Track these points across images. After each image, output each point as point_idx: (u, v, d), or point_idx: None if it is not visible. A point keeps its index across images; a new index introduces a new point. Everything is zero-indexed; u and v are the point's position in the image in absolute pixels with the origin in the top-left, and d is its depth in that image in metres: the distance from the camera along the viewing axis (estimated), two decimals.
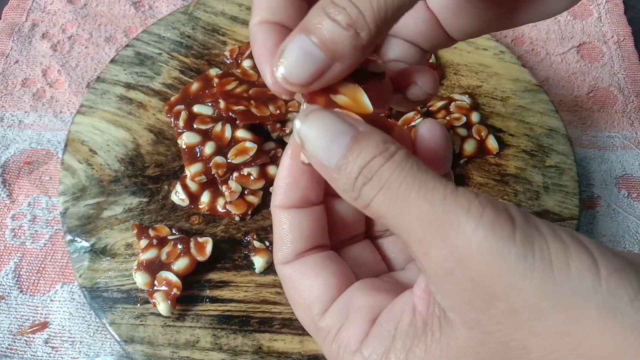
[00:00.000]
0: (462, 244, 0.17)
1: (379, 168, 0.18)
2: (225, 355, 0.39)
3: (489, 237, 0.17)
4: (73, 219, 0.44)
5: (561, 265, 0.16)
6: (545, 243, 0.17)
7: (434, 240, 0.18)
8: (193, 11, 0.57)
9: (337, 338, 0.21)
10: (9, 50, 0.57)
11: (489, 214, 0.17)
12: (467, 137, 0.49)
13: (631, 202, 0.51)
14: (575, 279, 0.16)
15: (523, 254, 0.16)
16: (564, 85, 0.59)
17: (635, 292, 0.16)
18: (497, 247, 0.17)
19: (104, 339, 0.42)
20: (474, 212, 0.17)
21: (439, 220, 0.17)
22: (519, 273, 0.16)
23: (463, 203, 0.17)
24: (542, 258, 0.16)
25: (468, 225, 0.17)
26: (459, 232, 0.17)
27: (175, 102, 0.48)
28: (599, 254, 0.17)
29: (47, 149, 0.51)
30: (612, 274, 0.16)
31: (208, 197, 0.45)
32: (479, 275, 0.17)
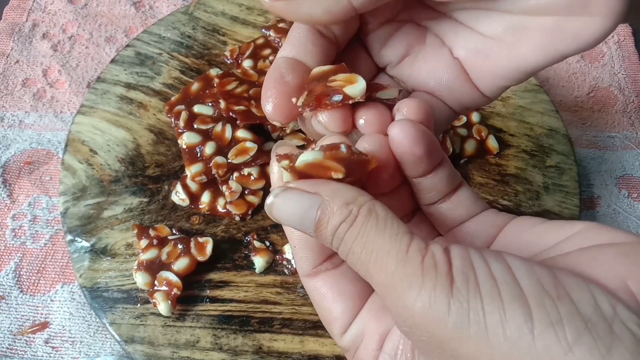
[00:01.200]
0: (409, 315, 0.19)
1: (344, 234, 0.21)
2: (226, 355, 0.39)
3: (425, 310, 0.18)
4: (73, 219, 0.44)
5: (496, 329, 0.17)
6: (481, 307, 0.18)
7: (392, 307, 0.20)
8: (193, 11, 0.57)
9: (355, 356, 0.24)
10: (9, 50, 0.57)
11: (427, 285, 0.19)
12: (468, 137, 0.49)
13: (631, 202, 0.51)
14: (509, 341, 0.17)
15: (459, 322, 0.18)
16: (564, 85, 0.59)
17: (570, 345, 0.17)
18: (434, 318, 0.18)
19: (104, 339, 0.42)
20: (414, 284, 0.19)
21: (391, 289, 0.19)
22: (457, 339, 0.18)
23: (408, 272, 0.19)
24: (477, 324, 0.18)
25: (409, 299, 0.19)
26: (404, 304, 0.19)
27: (175, 102, 0.48)
28: (537, 306, 0.17)
29: (48, 149, 0.51)
30: (546, 330, 0.17)
31: (208, 197, 0.45)
32: (427, 337, 0.19)
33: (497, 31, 0.25)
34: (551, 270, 0.19)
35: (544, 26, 0.24)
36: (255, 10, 0.57)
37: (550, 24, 0.24)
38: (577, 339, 0.17)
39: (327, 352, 0.39)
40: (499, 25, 0.25)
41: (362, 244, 0.20)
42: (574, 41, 0.24)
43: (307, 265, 0.24)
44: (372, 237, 0.20)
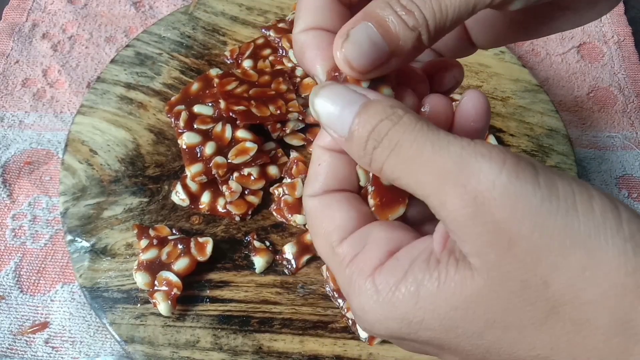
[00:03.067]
0: (485, 189, 0.18)
1: (387, 131, 0.19)
2: (226, 355, 0.39)
3: (512, 181, 0.17)
4: (73, 219, 0.44)
5: (585, 207, 0.17)
6: (569, 186, 0.18)
7: (455, 189, 0.18)
8: (193, 11, 0.57)
9: (351, 263, 0.22)
10: (9, 50, 0.57)
11: (511, 160, 0.18)
12: None
13: (631, 202, 0.51)
14: (598, 219, 0.17)
15: (548, 196, 0.17)
16: (564, 85, 0.59)
17: None
18: (521, 190, 0.17)
19: (104, 339, 0.42)
20: (496, 158, 0.18)
21: (458, 169, 0.18)
22: (544, 214, 0.17)
23: (483, 151, 0.18)
24: (566, 200, 0.17)
25: (491, 171, 0.18)
26: (482, 177, 0.18)
27: (175, 102, 0.48)
28: (619, 202, 0.18)
29: (48, 149, 0.51)
30: (632, 219, 0.17)
31: (208, 197, 0.45)
32: (503, 217, 0.17)
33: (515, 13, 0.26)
34: None
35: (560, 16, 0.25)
36: (255, 10, 0.57)
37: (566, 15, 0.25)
38: None
39: (327, 352, 0.39)
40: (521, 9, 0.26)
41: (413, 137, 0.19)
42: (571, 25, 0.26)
43: (320, 185, 0.24)
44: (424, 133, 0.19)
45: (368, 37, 0.21)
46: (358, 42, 0.21)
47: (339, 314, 0.41)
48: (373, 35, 0.21)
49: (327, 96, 0.21)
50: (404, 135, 0.19)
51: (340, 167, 0.23)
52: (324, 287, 0.42)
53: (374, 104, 0.20)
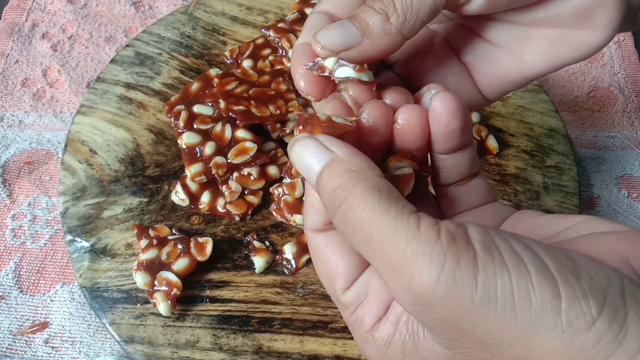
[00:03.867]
0: (427, 293, 0.18)
1: (340, 203, 0.20)
2: (225, 355, 0.39)
3: (451, 286, 0.18)
4: (73, 219, 0.44)
5: (524, 304, 0.18)
6: (509, 281, 0.18)
7: (401, 287, 0.19)
8: (193, 11, 0.57)
9: (355, 313, 0.24)
10: (9, 50, 0.57)
11: (450, 262, 0.18)
12: None
13: (631, 202, 0.51)
14: (537, 315, 0.18)
15: (486, 297, 0.18)
16: (564, 85, 0.59)
17: (594, 319, 0.17)
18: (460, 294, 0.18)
19: (104, 339, 0.42)
20: (436, 260, 0.18)
21: (402, 268, 0.19)
22: (483, 315, 0.18)
23: (425, 249, 0.18)
24: (504, 298, 0.18)
25: (431, 276, 0.18)
26: (423, 281, 0.18)
27: (175, 102, 0.48)
28: (563, 282, 0.18)
29: (47, 149, 0.51)
30: (572, 305, 0.17)
31: (208, 197, 0.45)
32: (446, 316, 0.19)
33: (505, 40, 0.27)
34: (563, 250, 0.20)
35: (549, 37, 0.26)
36: (255, 10, 0.57)
37: (554, 35, 0.26)
38: (599, 312, 0.17)
39: (327, 352, 0.39)
40: (507, 35, 0.27)
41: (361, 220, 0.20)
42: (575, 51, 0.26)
43: (320, 219, 0.24)
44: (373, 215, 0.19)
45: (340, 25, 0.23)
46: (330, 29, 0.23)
47: (339, 314, 0.41)
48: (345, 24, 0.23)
49: (299, 148, 0.22)
50: (354, 214, 0.20)
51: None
52: (323, 287, 0.42)
53: (333, 166, 0.21)
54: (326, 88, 0.24)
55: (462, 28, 0.28)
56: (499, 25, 0.27)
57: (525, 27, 0.26)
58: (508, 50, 0.27)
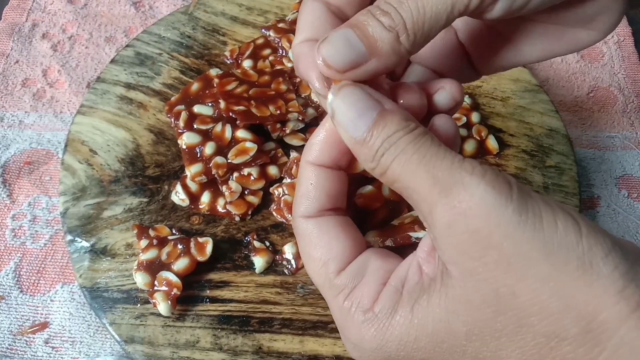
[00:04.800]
0: (465, 199, 0.19)
1: (397, 140, 0.21)
2: (226, 356, 0.39)
3: (489, 193, 0.19)
4: (73, 219, 0.44)
5: (550, 222, 0.19)
6: (537, 204, 0.19)
7: (440, 198, 0.20)
8: (193, 11, 0.57)
9: (350, 296, 0.23)
10: (9, 50, 0.57)
11: (490, 175, 0.20)
12: (467, 137, 0.49)
13: (631, 202, 0.51)
14: (561, 234, 0.19)
15: (519, 210, 0.19)
16: (564, 85, 0.59)
17: (609, 248, 0.19)
18: (496, 202, 0.19)
19: (104, 339, 0.42)
20: (477, 173, 0.20)
21: (445, 180, 0.20)
22: (514, 225, 0.19)
23: (467, 167, 0.20)
24: (534, 214, 0.19)
25: (471, 184, 0.19)
26: (463, 189, 0.19)
27: (175, 102, 0.48)
28: (579, 217, 0.20)
29: (47, 149, 0.51)
30: (590, 233, 0.19)
31: (208, 197, 0.45)
32: (478, 226, 0.19)
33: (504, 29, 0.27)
34: None
35: (547, 32, 0.26)
36: (255, 11, 0.57)
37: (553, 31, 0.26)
38: (611, 248, 0.19)
39: (327, 352, 0.39)
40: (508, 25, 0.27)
41: (416, 147, 0.20)
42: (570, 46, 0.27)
43: (313, 206, 0.24)
44: (427, 146, 0.20)
45: (345, 38, 0.22)
46: (335, 43, 0.22)
47: None
48: (351, 37, 0.22)
49: (346, 98, 0.22)
50: (410, 145, 0.21)
51: (332, 184, 0.24)
52: None
53: (390, 115, 0.21)
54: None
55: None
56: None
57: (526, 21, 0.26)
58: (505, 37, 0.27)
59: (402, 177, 0.21)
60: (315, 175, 0.24)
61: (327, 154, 0.24)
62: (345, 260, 0.24)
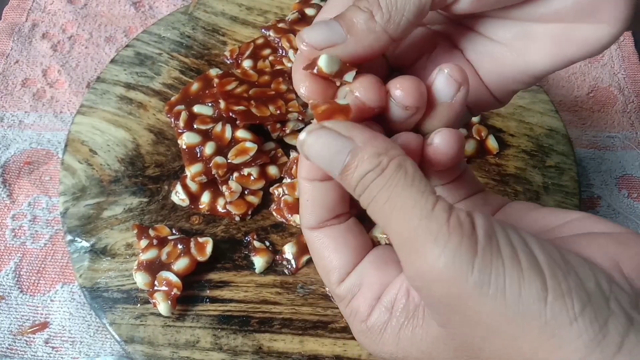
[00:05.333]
0: (426, 270, 0.19)
1: (369, 183, 0.21)
2: (225, 356, 0.39)
3: (449, 266, 0.19)
4: (73, 219, 0.44)
5: (513, 292, 0.19)
6: (502, 270, 0.19)
7: (406, 261, 0.20)
8: (193, 11, 0.57)
9: (350, 305, 0.24)
10: (9, 50, 0.57)
11: (453, 241, 0.19)
12: (467, 137, 0.49)
13: (631, 202, 0.51)
14: (524, 304, 0.19)
15: (479, 281, 0.19)
16: (564, 85, 0.59)
17: (577, 313, 0.18)
18: (455, 275, 0.19)
19: (104, 339, 0.42)
20: (440, 239, 0.19)
21: (410, 242, 0.20)
22: (474, 298, 0.19)
23: (433, 228, 0.19)
24: (496, 285, 0.19)
25: (432, 253, 0.19)
26: (424, 259, 0.19)
27: (175, 102, 0.48)
28: (551, 277, 0.19)
29: (47, 149, 0.51)
30: (557, 299, 0.18)
31: (208, 197, 0.45)
32: (441, 295, 0.20)
33: (506, 37, 0.26)
34: (558, 248, 0.20)
35: (553, 33, 0.25)
36: (255, 11, 0.57)
37: (558, 31, 0.25)
38: (581, 310, 0.18)
39: (327, 352, 0.39)
40: (508, 32, 0.26)
41: (387, 195, 0.20)
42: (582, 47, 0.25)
43: (314, 219, 0.25)
44: (398, 190, 0.20)
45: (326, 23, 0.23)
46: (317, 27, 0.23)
47: (339, 314, 0.41)
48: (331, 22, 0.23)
49: (316, 142, 0.22)
50: (381, 191, 0.21)
51: (327, 197, 0.24)
52: (323, 287, 0.42)
53: (361, 153, 0.21)
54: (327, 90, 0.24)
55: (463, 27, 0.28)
56: (498, 23, 0.26)
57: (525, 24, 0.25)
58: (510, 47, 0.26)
59: (378, 222, 0.21)
60: (310, 190, 0.24)
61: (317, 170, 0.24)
62: (344, 271, 0.24)
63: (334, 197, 0.25)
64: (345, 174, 0.21)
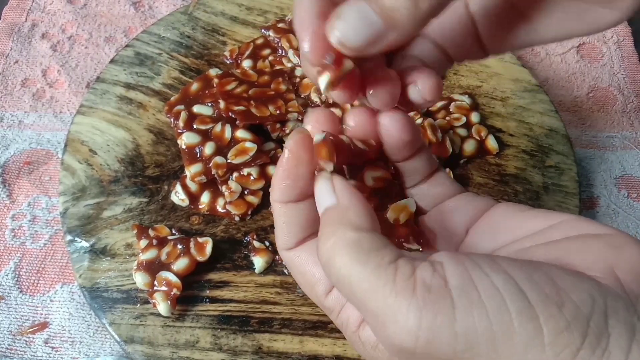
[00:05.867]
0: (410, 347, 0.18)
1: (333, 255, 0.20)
2: (225, 356, 0.39)
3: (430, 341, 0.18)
4: (73, 219, 0.44)
5: (505, 345, 0.18)
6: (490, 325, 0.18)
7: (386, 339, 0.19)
8: (193, 11, 0.57)
9: (340, 316, 0.24)
10: (8, 50, 0.57)
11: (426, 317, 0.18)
12: (467, 137, 0.49)
13: (631, 202, 0.51)
14: (520, 353, 0.18)
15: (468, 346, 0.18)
16: (563, 85, 0.59)
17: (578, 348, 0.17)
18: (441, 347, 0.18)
19: (104, 339, 0.42)
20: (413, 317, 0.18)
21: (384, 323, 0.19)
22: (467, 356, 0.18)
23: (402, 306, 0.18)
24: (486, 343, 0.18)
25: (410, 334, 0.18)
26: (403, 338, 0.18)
27: (175, 102, 0.48)
28: (545, 315, 0.18)
29: (47, 149, 0.51)
30: (556, 338, 0.18)
31: (208, 197, 0.45)
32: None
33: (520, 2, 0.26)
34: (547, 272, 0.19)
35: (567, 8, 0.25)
36: (255, 11, 0.57)
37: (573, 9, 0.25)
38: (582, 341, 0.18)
39: (327, 352, 0.39)
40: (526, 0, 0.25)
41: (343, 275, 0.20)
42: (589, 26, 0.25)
43: (290, 240, 0.25)
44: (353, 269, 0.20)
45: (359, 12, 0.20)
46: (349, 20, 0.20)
47: None
48: (365, 10, 0.19)
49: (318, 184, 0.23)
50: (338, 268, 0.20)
51: (302, 216, 0.24)
52: None
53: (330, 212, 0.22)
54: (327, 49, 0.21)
55: None
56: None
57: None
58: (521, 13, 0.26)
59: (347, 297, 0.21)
60: (284, 213, 0.24)
61: (290, 191, 0.24)
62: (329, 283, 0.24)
63: (309, 216, 0.24)
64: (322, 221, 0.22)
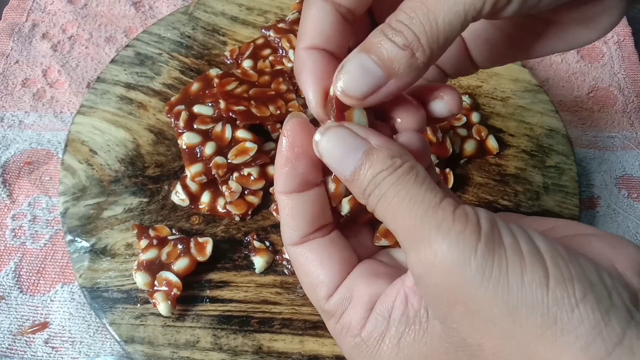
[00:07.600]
0: (429, 257, 0.19)
1: (381, 180, 0.21)
2: (225, 356, 0.39)
3: (452, 251, 0.19)
4: (73, 219, 0.44)
5: (515, 278, 0.19)
6: (505, 256, 0.19)
7: (410, 248, 0.20)
8: (193, 11, 0.57)
9: (341, 320, 0.24)
10: (9, 51, 0.57)
11: (456, 228, 0.19)
12: (467, 137, 0.49)
13: (631, 202, 0.51)
14: (526, 290, 0.19)
15: (482, 266, 0.19)
16: (564, 86, 0.59)
17: (579, 299, 0.18)
18: (458, 260, 0.19)
19: (104, 339, 0.42)
20: (444, 227, 0.19)
21: (415, 232, 0.20)
22: (476, 284, 0.19)
23: (438, 217, 0.20)
24: (499, 271, 0.19)
25: (435, 240, 0.19)
26: (428, 245, 0.20)
27: (175, 102, 0.48)
28: (552, 264, 0.19)
29: (47, 149, 0.51)
30: (559, 285, 0.19)
31: (208, 197, 0.45)
32: (441, 283, 0.20)
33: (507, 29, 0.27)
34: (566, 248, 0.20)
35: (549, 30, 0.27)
36: (255, 11, 0.57)
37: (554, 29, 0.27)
38: (583, 297, 0.18)
39: (327, 352, 0.39)
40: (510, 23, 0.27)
41: (397, 190, 0.21)
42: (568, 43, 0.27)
43: (296, 234, 0.25)
44: (408, 187, 0.21)
45: (361, 65, 0.21)
46: (351, 72, 0.22)
47: None
48: (366, 62, 0.21)
49: (331, 139, 0.22)
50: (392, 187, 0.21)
51: (307, 208, 0.24)
52: None
53: (376, 153, 0.21)
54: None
55: None
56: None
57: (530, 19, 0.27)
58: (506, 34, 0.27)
59: (385, 220, 0.21)
60: (288, 204, 0.24)
61: (292, 181, 0.24)
62: (332, 286, 0.24)
63: (314, 208, 0.24)
64: (358, 173, 0.21)
